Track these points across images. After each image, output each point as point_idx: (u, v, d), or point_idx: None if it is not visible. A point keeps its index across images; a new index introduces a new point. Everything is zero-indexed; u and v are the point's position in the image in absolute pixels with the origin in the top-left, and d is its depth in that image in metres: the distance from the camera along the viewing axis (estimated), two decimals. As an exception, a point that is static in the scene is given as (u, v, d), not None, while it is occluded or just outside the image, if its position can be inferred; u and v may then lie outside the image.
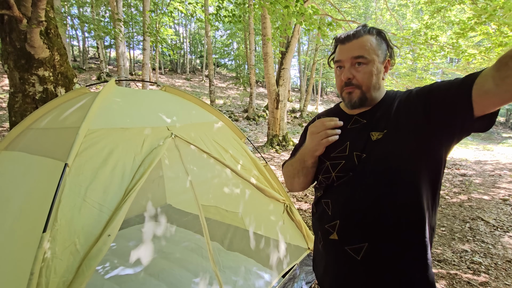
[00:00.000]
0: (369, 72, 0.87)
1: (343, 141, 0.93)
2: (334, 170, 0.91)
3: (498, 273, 2.54)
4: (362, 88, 0.89)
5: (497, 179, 5.99)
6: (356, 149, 0.88)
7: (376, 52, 0.87)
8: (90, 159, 1.30)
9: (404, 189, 0.82)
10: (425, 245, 0.83)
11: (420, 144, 0.81)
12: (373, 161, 0.85)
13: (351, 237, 0.87)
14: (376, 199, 0.84)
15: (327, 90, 29.13)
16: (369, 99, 0.91)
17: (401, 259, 0.83)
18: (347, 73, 0.88)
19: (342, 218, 0.88)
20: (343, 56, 0.89)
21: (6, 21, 2.46)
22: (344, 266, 0.89)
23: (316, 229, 1.00)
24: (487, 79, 0.68)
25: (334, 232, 0.89)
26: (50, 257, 1.04)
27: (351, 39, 0.87)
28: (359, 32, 0.87)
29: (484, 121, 0.73)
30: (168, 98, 2.11)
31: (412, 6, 11.77)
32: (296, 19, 4.02)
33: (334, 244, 0.90)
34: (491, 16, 5.23)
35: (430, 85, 0.83)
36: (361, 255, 0.84)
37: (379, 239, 0.83)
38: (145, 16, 8.58)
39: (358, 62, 0.87)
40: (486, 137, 16.22)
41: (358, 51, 0.86)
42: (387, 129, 0.86)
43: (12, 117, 2.63)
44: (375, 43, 0.87)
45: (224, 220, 2.69)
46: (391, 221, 0.82)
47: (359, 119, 0.94)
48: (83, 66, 16.41)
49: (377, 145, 0.85)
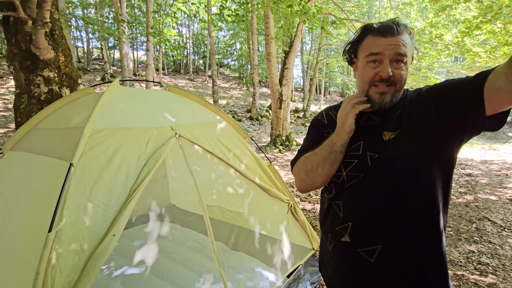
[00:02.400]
0: (406, 72, 0.83)
1: (356, 139, 0.89)
2: (346, 169, 0.88)
3: (506, 274, 2.50)
4: (396, 87, 0.84)
5: (503, 179, 5.91)
6: (369, 149, 0.86)
7: (411, 51, 0.85)
8: (95, 159, 1.30)
9: (418, 190, 0.81)
10: (441, 246, 0.82)
11: (432, 144, 0.79)
12: (386, 162, 0.83)
13: (364, 239, 0.85)
14: (389, 200, 0.82)
15: (330, 90, 29.03)
16: (396, 99, 0.87)
17: (416, 261, 0.81)
18: (386, 69, 0.81)
19: (354, 220, 0.86)
20: (384, 50, 0.81)
21: (12, 22, 2.48)
22: (356, 268, 0.88)
23: (325, 230, 0.98)
24: (500, 76, 0.66)
25: (346, 234, 0.87)
26: (56, 257, 1.04)
27: (394, 34, 0.81)
28: (401, 26, 0.82)
29: (495, 119, 0.72)
30: (172, 98, 2.11)
31: (416, 5, 11.68)
32: (299, 18, 4.00)
33: (345, 246, 0.88)
34: (496, 15, 5.17)
35: (440, 84, 0.82)
36: (375, 257, 0.83)
37: (393, 241, 0.82)
38: (149, 17, 8.62)
39: (398, 59, 0.81)
40: (492, 137, 16.03)
41: (403, 49, 0.81)
42: (399, 129, 0.83)
43: (18, 118, 2.66)
44: (410, 41, 0.84)
45: (228, 220, 2.69)
46: (406, 223, 0.81)
47: (372, 117, 0.91)
48: (87, 67, 16.55)
49: (390, 145, 0.83)
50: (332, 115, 1.01)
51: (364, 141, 0.88)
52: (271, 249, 2.23)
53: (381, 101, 0.85)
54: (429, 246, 0.82)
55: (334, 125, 0.94)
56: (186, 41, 24.15)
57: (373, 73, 0.84)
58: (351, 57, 0.94)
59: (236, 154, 2.00)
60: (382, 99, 0.85)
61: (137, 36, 18.75)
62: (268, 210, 2.27)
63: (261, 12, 6.94)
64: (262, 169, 2.16)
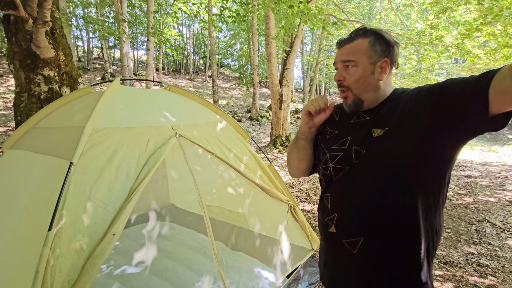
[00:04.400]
0: (358, 74, 0.90)
1: (346, 135, 0.96)
2: (332, 161, 0.95)
3: (505, 276, 2.50)
4: (353, 91, 0.92)
5: (503, 181, 5.92)
6: (355, 143, 0.90)
7: (367, 54, 0.89)
8: (95, 158, 1.30)
9: (401, 188, 0.82)
10: (419, 245, 0.82)
11: (423, 144, 0.79)
12: (372, 158, 0.86)
13: (348, 230, 0.89)
14: (372, 195, 0.85)
15: (330, 91, 29.03)
16: (366, 100, 0.92)
17: (394, 256, 0.84)
18: (337, 75, 0.95)
19: (339, 211, 0.91)
20: (336, 59, 0.96)
21: (12, 21, 2.48)
22: (341, 259, 0.92)
23: (319, 222, 1.04)
24: (506, 77, 0.66)
25: (332, 225, 0.92)
26: (55, 256, 1.03)
27: (342, 44, 0.94)
28: (351, 37, 0.92)
29: (497, 120, 0.71)
30: (172, 98, 2.10)
31: (417, 6, 11.69)
32: (300, 18, 4.00)
33: (332, 237, 0.93)
34: (497, 17, 5.17)
35: (442, 82, 0.81)
36: (357, 249, 0.86)
37: (373, 235, 0.85)
38: (149, 17, 8.62)
39: (347, 65, 0.91)
40: (492, 138, 16.03)
41: (347, 55, 0.91)
42: (388, 126, 0.86)
43: (18, 117, 2.65)
44: (367, 46, 0.90)
45: (228, 220, 2.69)
46: (386, 219, 0.83)
47: (363, 115, 0.95)
48: (87, 66, 16.53)
49: (377, 142, 0.86)
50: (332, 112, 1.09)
51: (351, 136, 0.94)
52: (270, 249, 2.23)
53: (345, 104, 0.97)
54: (407, 244, 0.83)
55: (332, 121, 1.06)
56: (186, 41, 24.14)
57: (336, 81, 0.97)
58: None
59: (236, 154, 2.00)
60: (345, 103, 0.96)
61: (138, 36, 18.74)
62: (268, 210, 2.27)
63: (261, 13, 6.95)
64: (262, 169, 2.16)
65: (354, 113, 0.97)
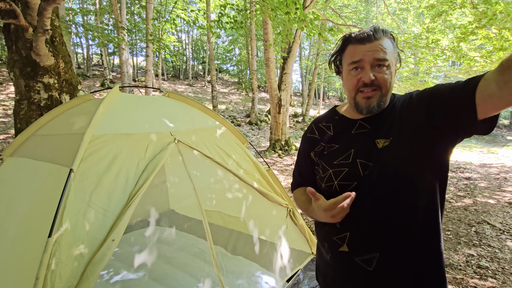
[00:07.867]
0: (390, 74, 0.84)
1: (347, 148, 0.90)
2: (337, 178, 0.89)
3: (505, 278, 2.50)
4: (382, 91, 0.85)
5: (502, 183, 5.92)
6: (360, 157, 0.86)
7: (393, 55, 0.86)
8: (94, 164, 1.31)
9: (415, 196, 0.81)
10: (439, 251, 0.82)
11: (426, 149, 0.80)
12: (381, 169, 0.83)
13: (362, 248, 0.85)
14: (385, 207, 0.82)
15: (329, 95, 29.16)
16: (384, 103, 0.87)
17: (415, 268, 0.82)
18: (369, 73, 0.83)
19: (351, 229, 0.86)
20: (364, 56, 0.83)
21: (13, 30, 2.51)
22: (355, 278, 0.88)
23: (321, 239, 0.98)
24: (490, 83, 0.67)
25: (344, 244, 0.87)
26: (55, 262, 1.04)
27: (372, 40, 0.83)
28: (379, 32, 0.84)
29: (486, 124, 0.73)
30: (171, 104, 2.12)
31: (413, 10, 11.83)
32: (297, 24, 4.05)
33: (343, 256, 0.88)
34: (491, 21, 5.25)
35: (431, 88, 0.83)
36: (373, 266, 0.83)
37: (390, 249, 0.82)
38: (148, 24, 8.70)
39: (379, 64, 0.83)
40: (491, 140, 16.09)
41: (382, 53, 0.82)
42: (392, 136, 0.84)
43: (18, 124, 2.67)
44: (391, 45, 0.86)
45: (227, 225, 2.69)
46: (402, 229, 0.81)
47: (363, 124, 0.91)
48: (87, 73, 16.61)
49: (384, 153, 0.83)
50: (322, 128, 1.02)
51: (354, 150, 0.88)
52: (270, 253, 2.23)
53: (368, 105, 0.86)
54: (428, 252, 0.82)
55: (326, 137, 0.98)
56: (185, 47, 24.32)
57: (356, 80, 0.86)
58: (338, 67, 0.96)
59: (235, 159, 2.01)
60: (369, 104, 0.86)
61: (137, 42, 18.87)
62: (267, 214, 2.27)
63: (259, 19, 7.02)
64: (260, 174, 2.17)
65: (353, 123, 0.93)
